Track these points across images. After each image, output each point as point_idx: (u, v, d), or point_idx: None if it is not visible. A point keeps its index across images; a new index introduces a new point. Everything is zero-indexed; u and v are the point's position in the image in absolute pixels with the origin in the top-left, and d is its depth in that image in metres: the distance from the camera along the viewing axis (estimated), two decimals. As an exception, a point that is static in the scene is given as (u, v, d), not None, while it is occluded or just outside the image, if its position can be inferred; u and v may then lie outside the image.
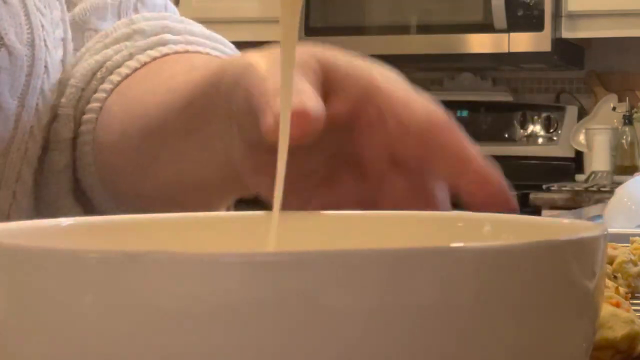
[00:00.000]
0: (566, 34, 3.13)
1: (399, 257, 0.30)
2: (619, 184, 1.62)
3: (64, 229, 0.46)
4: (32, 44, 0.75)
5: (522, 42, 3.11)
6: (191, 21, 0.83)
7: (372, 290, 0.30)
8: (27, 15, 0.75)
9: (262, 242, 0.49)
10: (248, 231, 0.51)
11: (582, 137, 3.28)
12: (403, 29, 3.19)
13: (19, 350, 0.32)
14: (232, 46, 0.81)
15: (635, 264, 0.69)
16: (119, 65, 0.76)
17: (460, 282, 0.31)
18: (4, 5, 0.73)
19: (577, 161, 3.30)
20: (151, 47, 0.77)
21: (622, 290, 0.58)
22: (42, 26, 0.77)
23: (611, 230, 0.42)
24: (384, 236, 0.50)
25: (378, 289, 0.30)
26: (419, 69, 3.47)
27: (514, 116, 3.36)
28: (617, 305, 0.52)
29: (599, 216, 1.44)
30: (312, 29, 3.27)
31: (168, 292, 0.29)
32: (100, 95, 0.76)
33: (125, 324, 0.30)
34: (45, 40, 0.76)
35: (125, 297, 0.29)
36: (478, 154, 0.52)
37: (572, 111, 3.35)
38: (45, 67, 0.76)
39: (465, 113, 3.43)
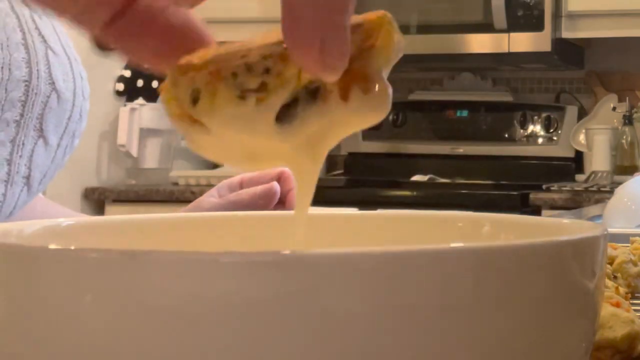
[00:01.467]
0: (566, 34, 3.13)
1: (399, 257, 0.30)
2: (619, 184, 1.62)
3: (64, 229, 0.46)
4: (74, 92, 0.84)
5: (522, 42, 3.11)
6: None
7: (372, 290, 0.30)
8: (71, 65, 0.84)
9: (262, 242, 0.49)
10: (248, 231, 0.51)
11: (582, 137, 3.28)
12: (403, 29, 3.16)
13: (19, 350, 0.32)
14: None
15: (635, 264, 0.69)
16: None
17: (460, 282, 0.31)
18: (55, 56, 0.82)
19: (577, 161, 3.30)
20: None
21: (622, 290, 0.58)
22: (82, 77, 0.86)
23: (611, 230, 0.42)
24: (384, 236, 0.50)
25: (378, 289, 0.30)
26: (419, 69, 3.47)
27: (514, 116, 3.36)
28: (617, 305, 0.52)
29: (599, 216, 1.44)
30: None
31: (168, 292, 0.29)
32: None
33: (125, 323, 0.30)
34: (83, 90, 0.85)
35: (125, 297, 0.29)
36: None
37: (572, 111, 3.35)
38: (80, 114, 0.85)
39: (465, 113, 3.43)
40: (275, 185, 0.90)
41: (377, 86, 0.39)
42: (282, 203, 0.91)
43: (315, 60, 0.36)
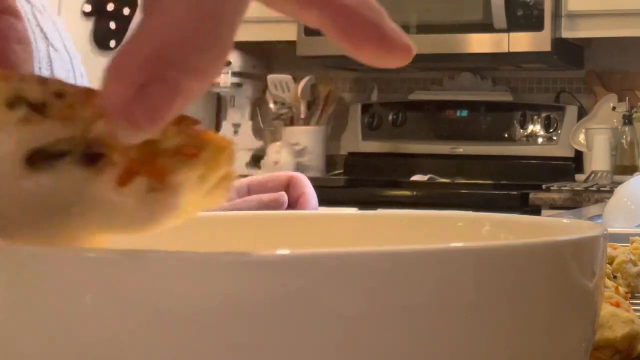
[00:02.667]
0: (566, 34, 3.13)
1: (399, 258, 0.30)
2: (619, 184, 1.62)
3: (64, 229, 0.46)
4: None
5: (522, 42, 3.11)
6: None
7: (372, 290, 0.30)
8: (72, 63, 0.84)
9: (262, 242, 0.49)
10: (247, 231, 0.51)
11: (582, 137, 3.29)
12: (403, 29, 3.18)
13: (19, 349, 0.31)
14: None
15: (635, 264, 0.69)
16: None
17: (460, 282, 0.31)
18: (56, 52, 0.82)
19: (577, 161, 3.30)
20: None
21: (622, 290, 0.58)
22: (82, 75, 0.86)
23: (611, 230, 0.42)
24: (384, 236, 0.50)
25: (378, 289, 0.30)
26: (419, 69, 3.47)
27: (514, 116, 3.36)
28: (617, 305, 0.52)
29: (599, 216, 1.44)
30: (311, 29, 3.27)
31: (168, 292, 0.29)
32: None
33: (125, 324, 0.30)
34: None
35: (125, 297, 0.29)
36: None
37: (572, 111, 3.35)
38: None
39: (465, 113, 3.43)
40: (283, 195, 0.90)
41: (168, 196, 0.33)
42: (292, 207, 0.91)
43: (124, 104, 0.30)
